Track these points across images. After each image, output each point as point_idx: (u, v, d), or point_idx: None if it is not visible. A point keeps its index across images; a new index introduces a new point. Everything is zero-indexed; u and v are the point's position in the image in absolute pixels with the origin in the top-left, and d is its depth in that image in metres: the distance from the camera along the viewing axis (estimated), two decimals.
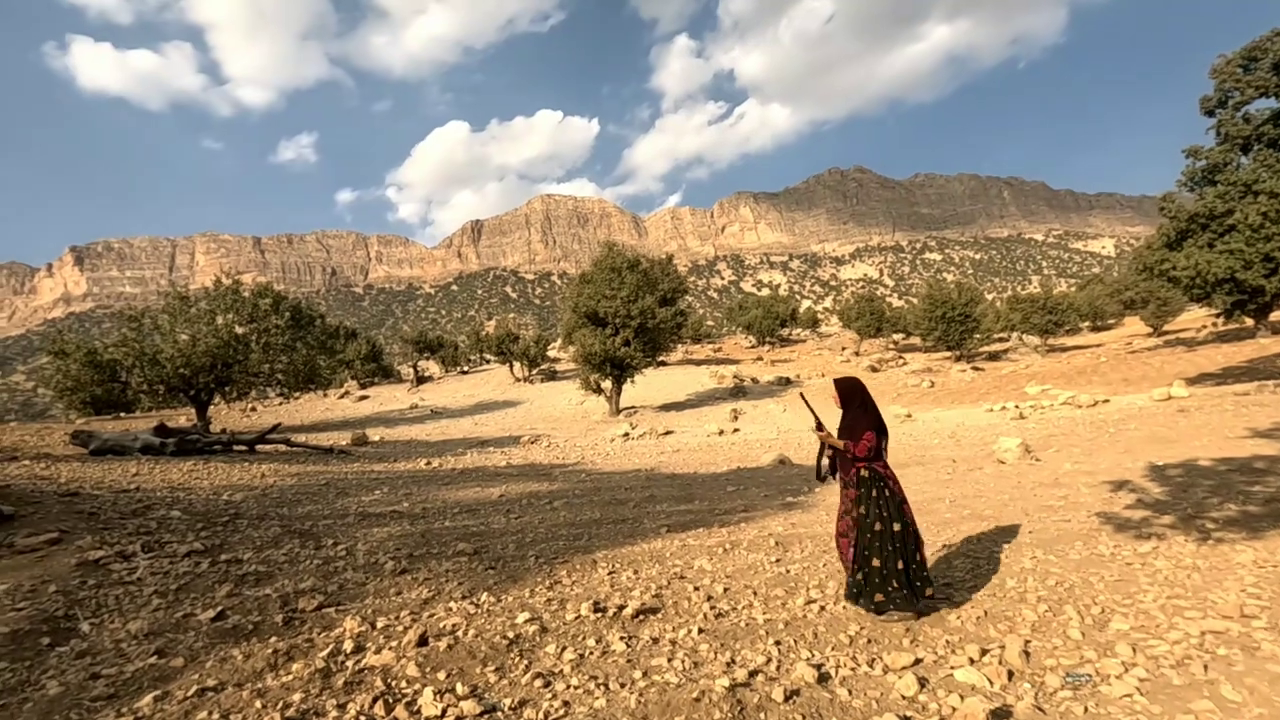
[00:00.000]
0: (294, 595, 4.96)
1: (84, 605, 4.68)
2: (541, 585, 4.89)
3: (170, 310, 22.35)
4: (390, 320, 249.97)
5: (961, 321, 40.97)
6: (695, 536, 6.38)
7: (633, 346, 26.65)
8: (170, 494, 9.09)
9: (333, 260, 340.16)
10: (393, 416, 30.64)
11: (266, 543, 6.71)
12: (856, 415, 4.22)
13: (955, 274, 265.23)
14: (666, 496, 9.27)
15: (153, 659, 3.66)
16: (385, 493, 10.25)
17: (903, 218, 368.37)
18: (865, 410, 4.22)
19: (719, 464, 13.53)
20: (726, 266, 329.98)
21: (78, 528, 6.52)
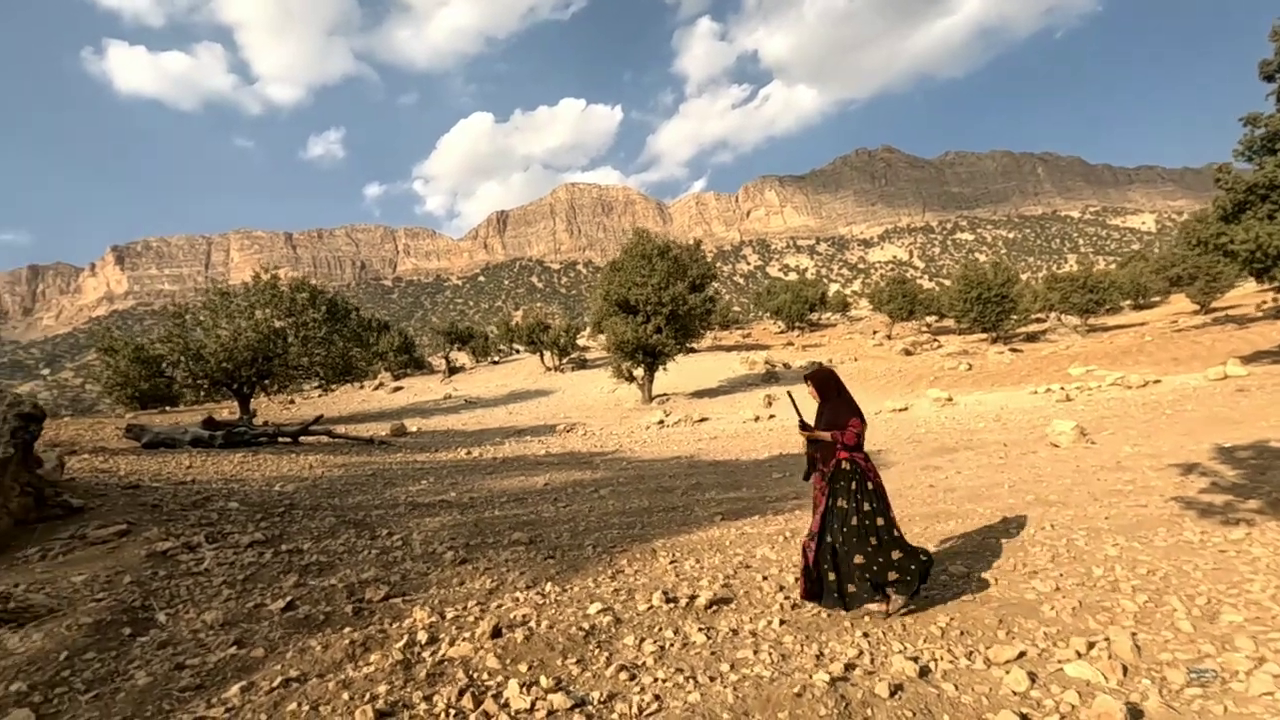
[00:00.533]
0: (359, 585, 4.99)
1: (158, 596, 4.76)
2: (604, 575, 4.84)
3: (211, 306, 22.82)
4: (419, 312, 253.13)
5: (998, 302, 39.95)
6: (751, 524, 6.28)
7: (664, 333, 26.52)
8: (225, 485, 9.27)
9: (362, 254, 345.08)
10: (428, 407, 30.99)
11: (324, 533, 6.78)
12: (837, 405, 4.09)
13: (988, 254, 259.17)
14: (713, 484, 9.18)
15: (233, 649, 3.69)
16: (431, 482, 10.33)
17: (933, 198, 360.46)
18: (844, 399, 4.09)
19: (759, 450, 13.39)
20: (752, 251, 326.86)
21: (143, 519, 6.66)
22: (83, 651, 3.65)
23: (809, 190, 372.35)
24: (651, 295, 26.03)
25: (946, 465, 9.81)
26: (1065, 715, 2.46)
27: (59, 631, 3.91)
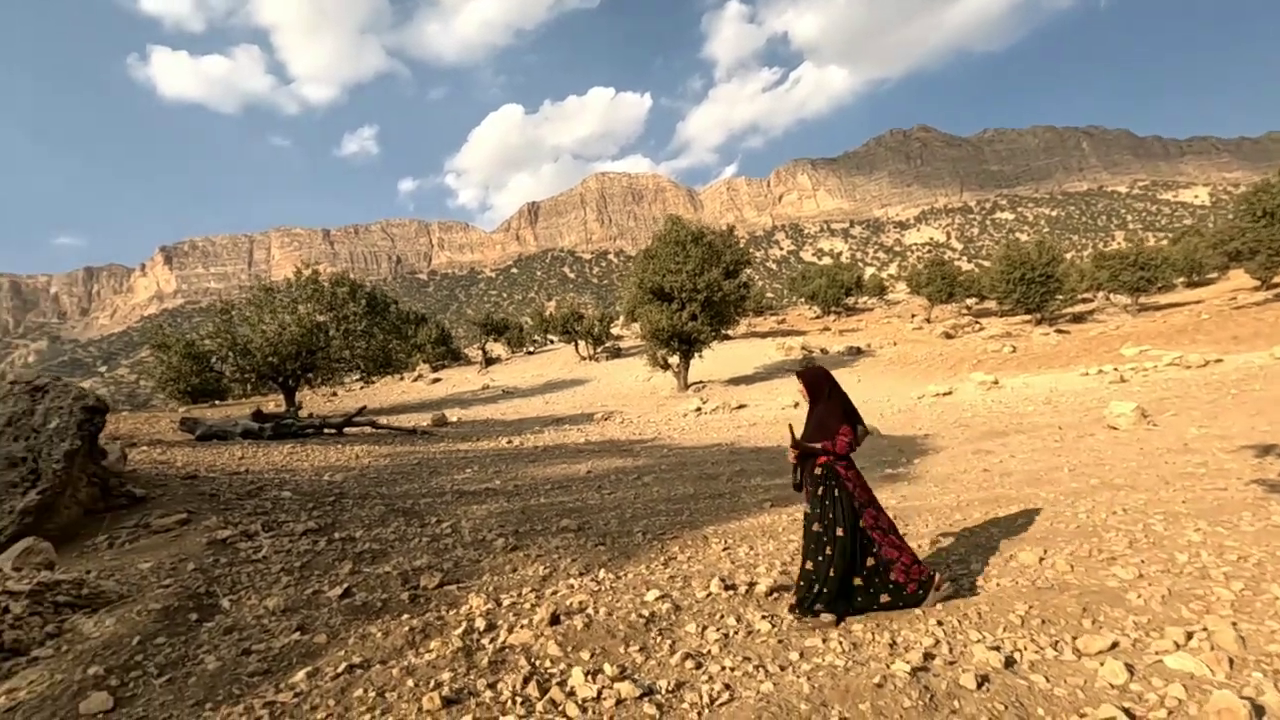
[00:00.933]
0: (413, 573, 5.02)
1: (221, 582, 4.86)
2: (657, 562, 4.78)
3: (256, 302, 23.37)
4: (454, 305, 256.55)
5: (1042, 283, 38.60)
6: (802, 510, 6.15)
7: (699, 320, 26.31)
8: (276, 475, 9.48)
9: (397, 248, 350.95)
10: (466, 397, 31.38)
11: (374, 521, 6.87)
12: (829, 408, 3.83)
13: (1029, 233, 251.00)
14: (757, 470, 9.05)
15: (296, 635, 3.73)
16: (476, 471, 10.41)
17: (971, 177, 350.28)
18: (835, 401, 3.84)
19: None
20: (785, 236, 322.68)
21: (202, 509, 6.83)
22: (154, 636, 3.73)
23: (842, 173, 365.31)
24: (686, 282, 25.83)
25: (999, 449, 9.51)
26: (1172, 710, 2.30)
27: (130, 617, 4.01)
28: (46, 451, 5.74)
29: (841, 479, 3.63)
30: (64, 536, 5.82)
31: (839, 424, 3.71)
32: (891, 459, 9.21)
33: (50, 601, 4.17)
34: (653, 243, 28.01)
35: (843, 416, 3.75)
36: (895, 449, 10.30)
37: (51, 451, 5.75)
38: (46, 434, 5.82)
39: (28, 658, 3.63)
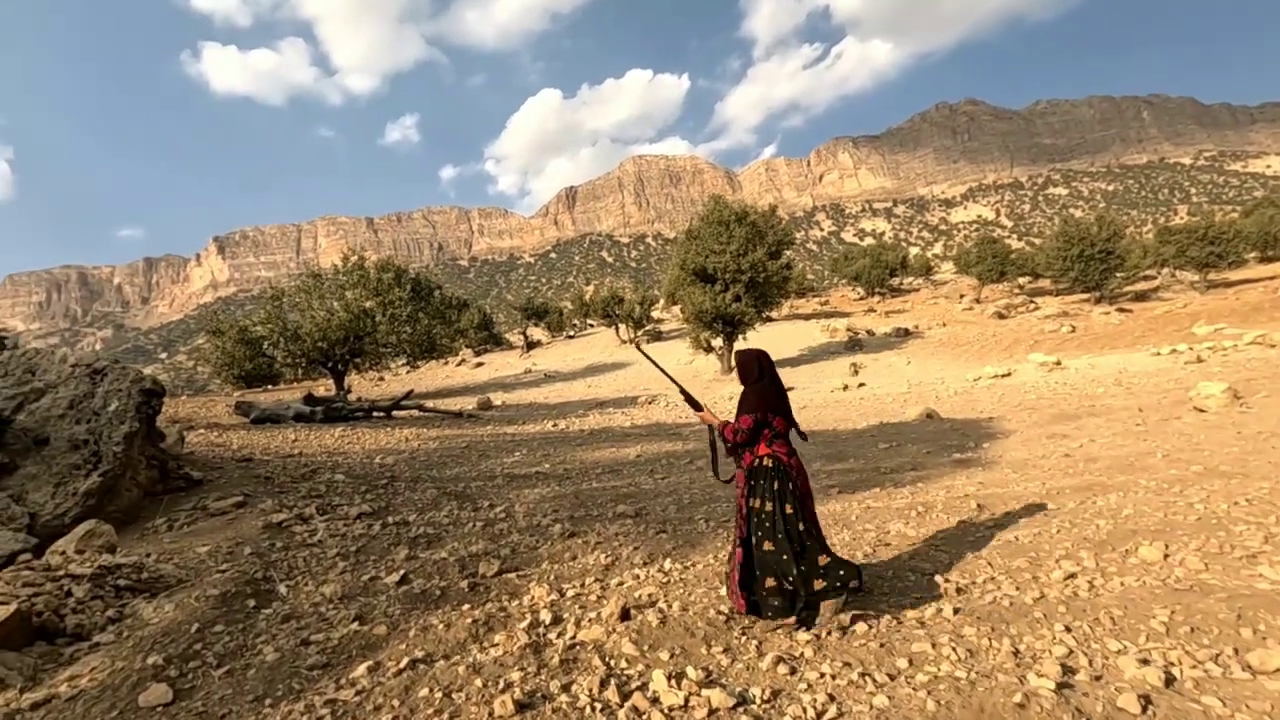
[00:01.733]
0: (469, 559, 4.85)
1: (277, 567, 4.76)
2: (725, 552, 4.49)
3: (305, 288, 23.75)
4: (495, 290, 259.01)
5: (1102, 259, 36.68)
6: (874, 498, 5.78)
7: (743, 302, 25.78)
8: (329, 458, 9.51)
9: (438, 235, 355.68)
10: (509, 381, 31.55)
11: (426, 505, 6.76)
12: (745, 395, 3.50)
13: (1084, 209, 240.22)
14: (816, 455, 8.67)
15: (354, 625, 3.56)
16: (525, 454, 10.28)
17: (1021, 151, 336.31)
18: (756, 390, 3.47)
19: (855, 420, 12.71)
20: (826, 217, 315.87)
21: (257, 491, 6.82)
22: (212, 624, 3.62)
23: (885, 150, 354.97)
24: (730, 263, 25.29)
25: (1075, 433, 8.91)
26: None
27: (188, 602, 3.91)
28: (107, 434, 5.74)
29: (788, 470, 3.36)
30: (125, 519, 5.84)
31: (744, 413, 3.40)
32: (957, 443, 8.71)
33: (111, 585, 4.11)
34: (695, 223, 27.51)
35: (749, 407, 3.41)
36: (958, 433, 9.77)
37: (111, 434, 5.74)
38: (106, 416, 5.81)
39: (90, 643, 3.55)
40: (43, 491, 5.45)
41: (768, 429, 3.36)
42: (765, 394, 3.42)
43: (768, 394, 3.42)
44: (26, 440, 5.63)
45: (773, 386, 3.47)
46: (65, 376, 6.02)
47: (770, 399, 3.41)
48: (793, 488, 3.33)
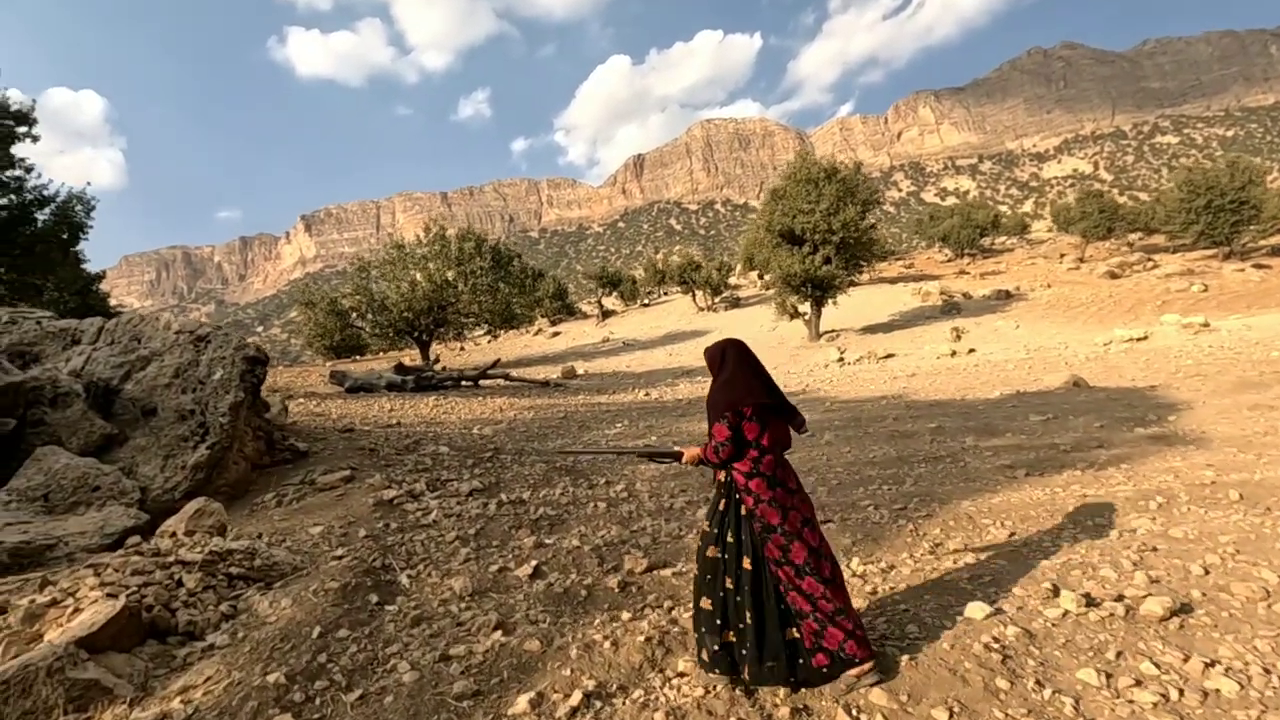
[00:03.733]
0: (606, 549, 4.22)
1: (395, 553, 4.27)
2: (921, 549, 3.66)
3: (390, 259, 23.94)
4: (564, 261, 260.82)
5: (1234, 210, 32.59)
6: (1078, 482, 4.78)
7: (834, 264, 24.30)
8: (428, 429, 9.17)
9: (509, 208, 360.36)
10: (588, 350, 31.25)
11: (538, 481, 6.21)
12: (712, 395, 2.67)
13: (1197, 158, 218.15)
14: (957, 429, 7.63)
15: (498, 635, 2.96)
16: (626, 425, 9.67)
17: (1125, 97, 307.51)
18: (725, 384, 2.64)
19: (982, 389, 11.45)
20: (904, 177, 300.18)
21: (364, 464, 6.45)
22: (335, 627, 3.10)
23: (970, 103, 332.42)
24: (820, 222, 23.80)
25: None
26: None
27: (307, 597, 3.43)
28: (212, 404, 5.41)
29: (742, 496, 2.55)
30: (233, 493, 5.54)
31: (716, 418, 2.60)
32: (1132, 416, 7.47)
33: (223, 574, 3.69)
34: (780, 182, 26.03)
35: (721, 405, 2.58)
36: (1123, 404, 8.47)
37: (217, 404, 5.41)
38: (211, 385, 5.48)
39: (203, 644, 3.11)
40: (152, 464, 5.16)
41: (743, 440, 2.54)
42: (732, 394, 2.58)
43: (735, 394, 2.58)
44: (135, 410, 5.36)
45: (743, 379, 2.63)
46: (170, 344, 5.73)
47: (739, 401, 2.56)
48: (744, 513, 2.56)
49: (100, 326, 5.98)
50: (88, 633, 2.84)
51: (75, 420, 5.11)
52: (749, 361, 2.70)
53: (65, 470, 4.80)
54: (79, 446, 5.10)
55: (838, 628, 2.34)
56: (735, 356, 2.71)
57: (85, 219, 12.12)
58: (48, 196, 11.68)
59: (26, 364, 5.63)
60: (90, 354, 5.71)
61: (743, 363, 2.68)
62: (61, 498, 4.77)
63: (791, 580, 2.43)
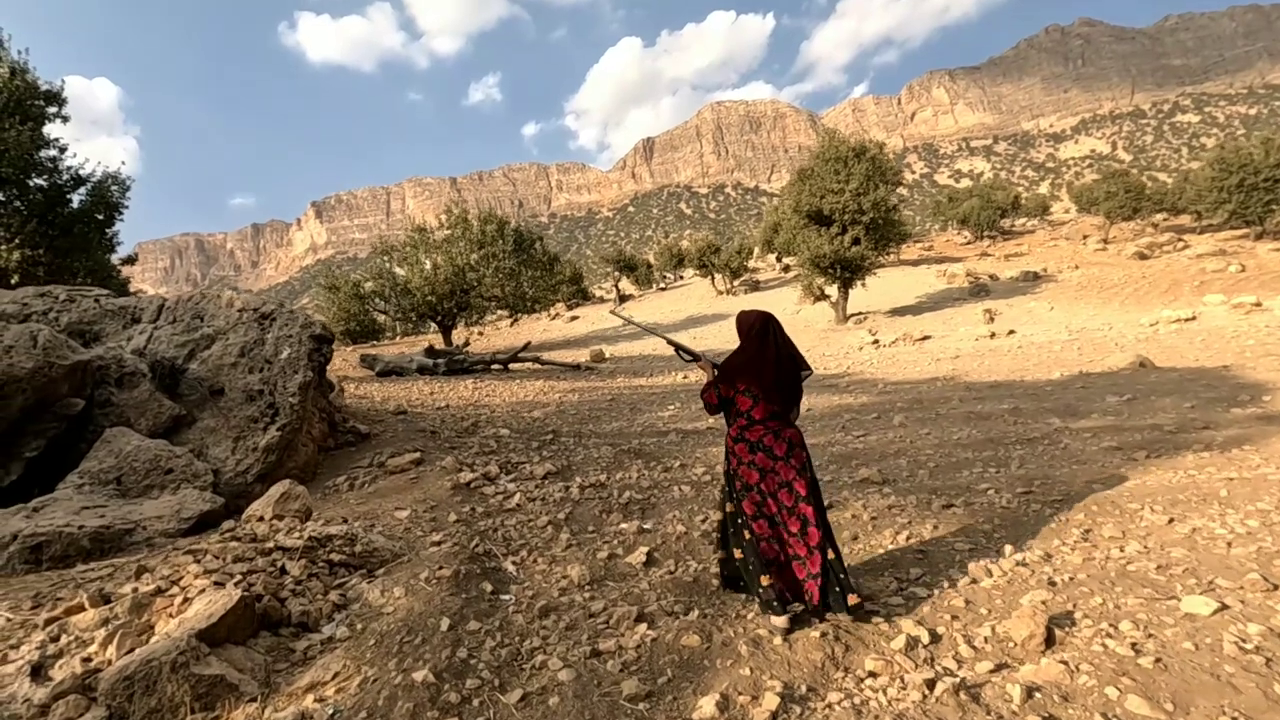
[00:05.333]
0: (717, 534, 3.98)
1: (491, 538, 4.04)
2: (1073, 538, 3.39)
3: (412, 243, 23.70)
4: (574, 246, 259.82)
5: (1268, 188, 31.73)
6: (1208, 464, 4.47)
7: (863, 245, 23.84)
8: (477, 411, 8.95)
9: (519, 193, 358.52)
10: (609, 334, 30.98)
11: (610, 464, 5.97)
12: (731, 355, 2.93)
13: (1218, 138, 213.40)
14: (1035, 410, 7.32)
15: (643, 628, 2.72)
16: (679, 408, 9.41)
17: (1145, 74, 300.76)
18: (739, 350, 2.89)
19: (1036, 370, 11.11)
20: (918, 158, 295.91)
21: (429, 447, 6.23)
22: (462, 619, 2.87)
23: (985, 82, 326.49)
24: (849, 202, 23.31)
25: None
26: None
27: (420, 586, 3.21)
28: (281, 384, 5.19)
29: (729, 453, 2.89)
30: (302, 476, 5.33)
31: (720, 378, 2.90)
32: (1227, 396, 7.13)
33: (324, 561, 3.47)
34: (809, 161, 25.50)
35: (736, 373, 2.82)
36: (1202, 384, 8.12)
37: (286, 384, 5.19)
38: (279, 365, 5.26)
39: (321, 636, 2.89)
40: (222, 446, 4.96)
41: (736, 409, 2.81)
42: (742, 361, 2.82)
43: (743, 363, 2.81)
44: (202, 390, 5.16)
45: (757, 357, 2.80)
46: (233, 322, 5.50)
47: (735, 373, 2.81)
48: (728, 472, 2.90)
49: (161, 304, 5.77)
50: (207, 624, 2.62)
51: (143, 401, 4.91)
52: (771, 342, 2.82)
53: (137, 452, 4.61)
54: (148, 428, 4.90)
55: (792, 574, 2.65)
56: (759, 335, 2.85)
57: (121, 199, 11.94)
58: (83, 177, 11.49)
59: (87, 343, 5.42)
60: (152, 333, 5.50)
61: (764, 344, 2.81)
62: (134, 480, 4.57)
63: (762, 532, 2.69)
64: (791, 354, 2.88)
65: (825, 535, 2.63)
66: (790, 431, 2.75)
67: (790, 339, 2.95)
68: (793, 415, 2.84)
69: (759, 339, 2.85)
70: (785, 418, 2.79)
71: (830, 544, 2.62)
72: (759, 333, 2.87)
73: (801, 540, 2.62)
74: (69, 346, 4.63)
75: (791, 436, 2.74)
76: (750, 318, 2.96)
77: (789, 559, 2.65)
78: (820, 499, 2.71)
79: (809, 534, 2.61)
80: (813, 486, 2.69)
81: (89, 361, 4.76)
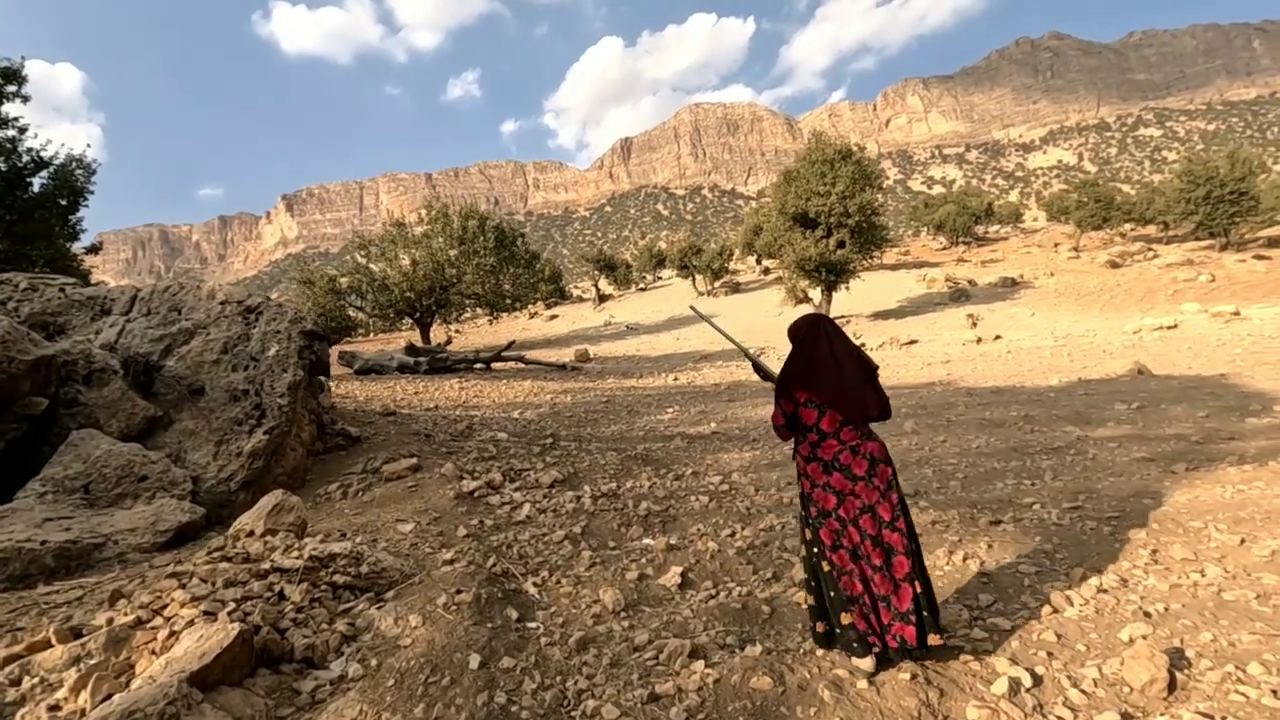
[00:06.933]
0: (751, 552, 3.69)
1: (505, 555, 3.70)
2: (1139, 558, 3.17)
3: (390, 238, 23.06)
4: (550, 245, 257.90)
5: (1233, 201, 32.62)
6: (1255, 478, 4.28)
7: (848, 248, 23.86)
8: (468, 413, 8.56)
9: (495, 190, 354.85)
10: (591, 334, 30.64)
11: (618, 471, 5.65)
12: (783, 366, 2.62)
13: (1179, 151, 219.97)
14: (1048, 417, 7.18)
15: (700, 666, 2.41)
16: (678, 411, 9.12)
17: (1111, 88, 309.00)
18: (789, 361, 2.59)
19: (1033, 376, 11.05)
20: (892, 165, 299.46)
21: (424, 451, 5.84)
22: (494, 653, 2.53)
23: (958, 91, 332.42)
24: (835, 205, 23.27)
25: None
26: None
27: (439, 614, 2.86)
28: (268, 383, 4.78)
29: (799, 473, 2.58)
30: (290, 483, 4.93)
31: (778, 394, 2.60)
32: (1237, 405, 7.06)
33: (327, 583, 3.10)
34: (795, 162, 25.44)
35: (780, 387, 2.58)
36: (1210, 392, 8.08)
37: (273, 384, 4.78)
38: (266, 363, 4.85)
39: (329, 675, 2.52)
40: (203, 451, 4.54)
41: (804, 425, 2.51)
42: (794, 372, 2.53)
43: (799, 371, 2.52)
44: (180, 389, 4.72)
45: (810, 361, 2.51)
46: (215, 315, 5.06)
47: (791, 384, 2.53)
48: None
49: (134, 295, 5.29)
50: (200, 665, 2.25)
51: (114, 400, 4.46)
52: (823, 342, 2.52)
53: (107, 457, 4.17)
54: (119, 430, 4.46)
55: (876, 615, 2.33)
56: (809, 338, 2.56)
57: (86, 184, 11.24)
58: (44, 160, 10.78)
59: (51, 336, 4.95)
60: (124, 326, 5.04)
61: (815, 346, 2.53)
62: (104, 489, 4.13)
63: (843, 565, 2.39)
64: (852, 351, 2.53)
65: (915, 564, 2.33)
66: (871, 445, 2.42)
67: (849, 336, 2.62)
68: (877, 418, 2.48)
69: (810, 342, 2.55)
70: (864, 428, 2.46)
71: (920, 574, 2.33)
72: (808, 335, 2.57)
73: (887, 575, 2.33)
74: (31, 340, 4.17)
75: (873, 451, 2.41)
76: (799, 324, 2.66)
77: (875, 600, 2.34)
78: (909, 521, 2.40)
79: (895, 564, 2.31)
80: (900, 508, 2.38)
81: (53, 356, 4.30)
